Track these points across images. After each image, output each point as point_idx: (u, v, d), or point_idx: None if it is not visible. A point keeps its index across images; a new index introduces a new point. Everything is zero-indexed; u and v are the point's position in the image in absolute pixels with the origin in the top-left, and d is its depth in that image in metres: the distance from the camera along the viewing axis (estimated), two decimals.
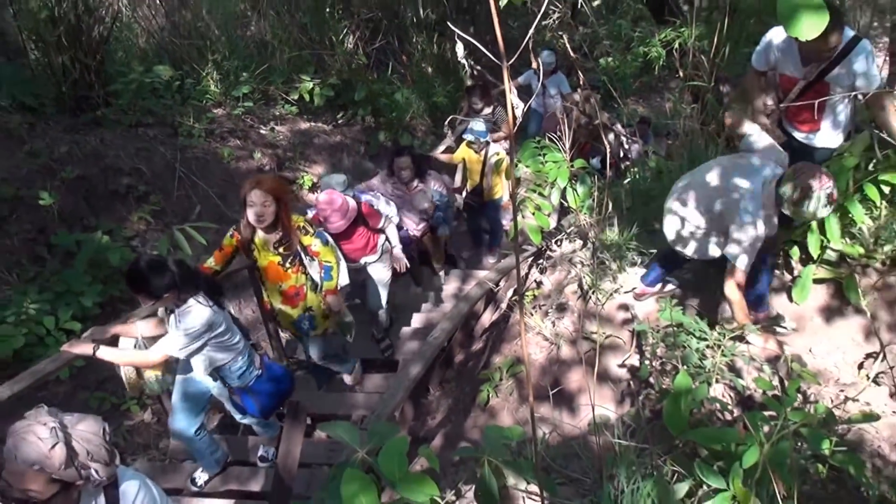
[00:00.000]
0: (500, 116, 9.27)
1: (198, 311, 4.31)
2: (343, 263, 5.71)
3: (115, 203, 7.82)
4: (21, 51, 8.47)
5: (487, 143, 7.98)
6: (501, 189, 8.23)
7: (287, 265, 5.32)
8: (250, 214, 4.98)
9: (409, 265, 7.48)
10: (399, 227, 6.94)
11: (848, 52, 4.46)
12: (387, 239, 6.56)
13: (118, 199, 7.86)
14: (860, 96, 4.65)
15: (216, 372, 4.72)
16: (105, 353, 4.35)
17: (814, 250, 4.83)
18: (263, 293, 5.75)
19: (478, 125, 7.85)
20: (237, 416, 5.38)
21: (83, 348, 4.33)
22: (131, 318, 4.96)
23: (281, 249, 5.26)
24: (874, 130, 4.94)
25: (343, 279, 5.69)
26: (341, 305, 5.66)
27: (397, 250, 6.61)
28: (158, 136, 8.82)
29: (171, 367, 5.03)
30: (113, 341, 4.78)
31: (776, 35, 4.77)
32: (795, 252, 5.13)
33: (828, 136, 4.96)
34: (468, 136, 7.86)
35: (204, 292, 4.43)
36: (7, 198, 6.91)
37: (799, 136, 5.05)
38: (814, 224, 4.77)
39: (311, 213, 6.35)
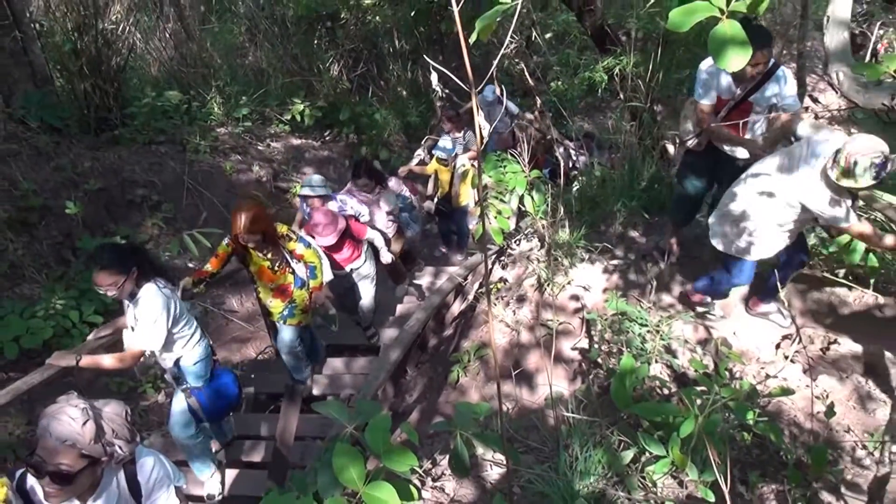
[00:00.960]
0: (471, 140, 9.25)
1: (153, 293, 4.00)
2: (326, 261, 5.61)
3: (132, 211, 7.75)
4: (48, 79, 8.36)
5: (455, 157, 7.94)
6: (467, 197, 8.19)
7: (276, 268, 5.22)
8: (243, 241, 4.93)
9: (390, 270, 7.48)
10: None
11: (769, 76, 4.46)
12: (370, 245, 6.45)
13: (134, 207, 7.78)
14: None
15: (177, 368, 4.44)
16: (87, 361, 4.07)
17: None
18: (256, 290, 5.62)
19: (445, 143, 7.81)
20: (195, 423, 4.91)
21: (67, 360, 4.07)
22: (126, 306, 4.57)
23: (269, 256, 5.17)
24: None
25: (327, 275, 5.59)
26: (325, 300, 5.61)
27: (384, 252, 6.48)
28: (169, 153, 8.72)
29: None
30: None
31: (706, 67, 4.73)
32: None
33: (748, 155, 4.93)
34: (438, 153, 7.80)
35: (162, 277, 4.16)
36: (36, 207, 6.84)
37: (725, 149, 5.00)
38: None
39: (299, 215, 6.40)
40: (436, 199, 8.20)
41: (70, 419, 2.45)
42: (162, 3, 11.99)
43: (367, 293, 6.47)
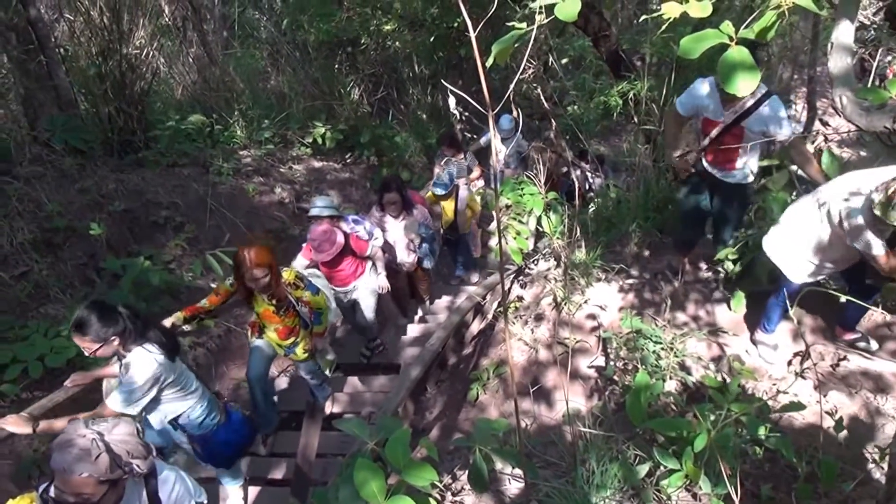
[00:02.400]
0: (472, 161, 9.38)
1: (143, 361, 3.76)
2: (333, 306, 5.70)
3: (156, 232, 7.85)
4: (73, 102, 8.48)
5: (456, 188, 8.04)
6: (470, 224, 8.28)
7: (280, 313, 5.04)
8: (251, 284, 4.71)
9: (398, 296, 7.54)
10: (392, 261, 6.99)
11: (761, 103, 4.53)
12: (374, 264, 6.47)
13: (158, 228, 7.89)
14: (777, 141, 4.73)
15: (175, 422, 4.20)
16: (45, 426, 3.72)
17: (762, 274, 4.83)
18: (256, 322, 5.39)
19: (442, 178, 7.90)
20: (201, 464, 4.79)
21: (23, 428, 3.73)
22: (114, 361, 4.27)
23: (274, 301, 4.96)
24: (792, 169, 5.04)
25: (332, 318, 5.71)
26: (325, 345, 5.64)
27: (381, 277, 6.46)
28: (192, 175, 8.84)
29: None
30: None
31: (700, 86, 4.82)
32: (731, 268, 5.18)
33: (740, 174, 4.95)
34: (436, 190, 7.89)
35: (155, 342, 3.87)
36: (61, 228, 6.93)
37: (716, 173, 5.03)
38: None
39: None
40: (441, 230, 8.27)
41: (81, 452, 2.46)
42: (185, 28, 12.18)
43: (367, 305, 6.46)
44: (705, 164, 5.07)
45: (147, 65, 9.31)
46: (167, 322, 4.81)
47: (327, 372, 5.86)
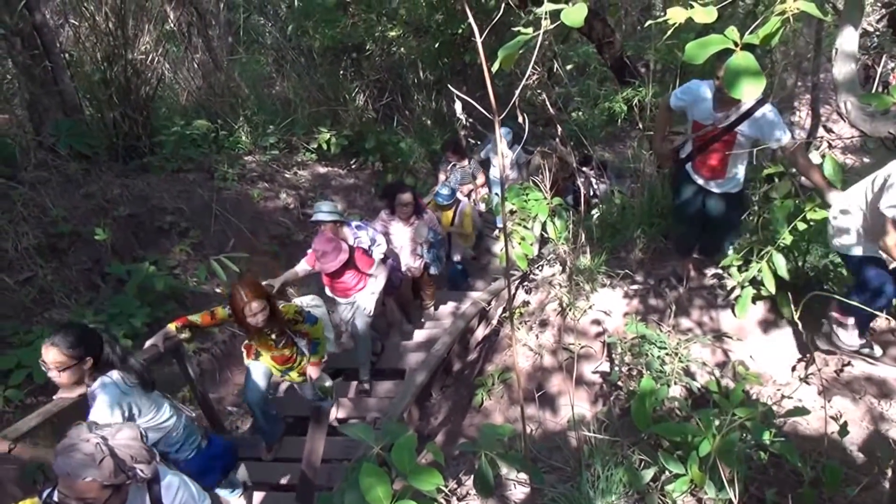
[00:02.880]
0: (476, 169, 9.40)
1: (107, 390, 3.61)
2: (331, 336, 5.69)
3: (160, 237, 7.87)
4: (77, 108, 8.50)
5: (458, 202, 8.05)
6: (466, 241, 8.28)
7: (280, 345, 5.10)
8: (251, 320, 4.65)
9: (403, 301, 7.55)
10: (396, 268, 6.97)
11: (756, 108, 4.53)
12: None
13: (163, 234, 7.90)
14: (780, 150, 4.72)
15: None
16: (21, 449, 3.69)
17: (768, 281, 4.77)
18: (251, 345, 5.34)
19: (443, 190, 7.92)
20: None
21: None
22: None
23: (273, 336, 5.01)
24: (794, 177, 5.04)
25: (329, 348, 5.64)
26: (320, 373, 5.44)
27: (373, 296, 6.40)
28: (197, 180, 8.87)
29: None
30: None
31: (697, 85, 4.80)
32: (735, 275, 5.19)
33: (728, 184, 4.95)
34: (439, 200, 7.93)
35: (127, 371, 3.75)
36: (66, 234, 6.94)
37: (700, 181, 5.03)
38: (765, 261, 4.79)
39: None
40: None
41: (85, 456, 2.45)
42: (190, 34, 12.22)
43: (361, 320, 6.38)
44: (693, 174, 5.07)
45: (152, 70, 9.36)
46: (160, 335, 4.81)
47: (329, 400, 5.66)
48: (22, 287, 6.38)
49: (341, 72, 12.97)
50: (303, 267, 6.18)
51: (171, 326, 4.84)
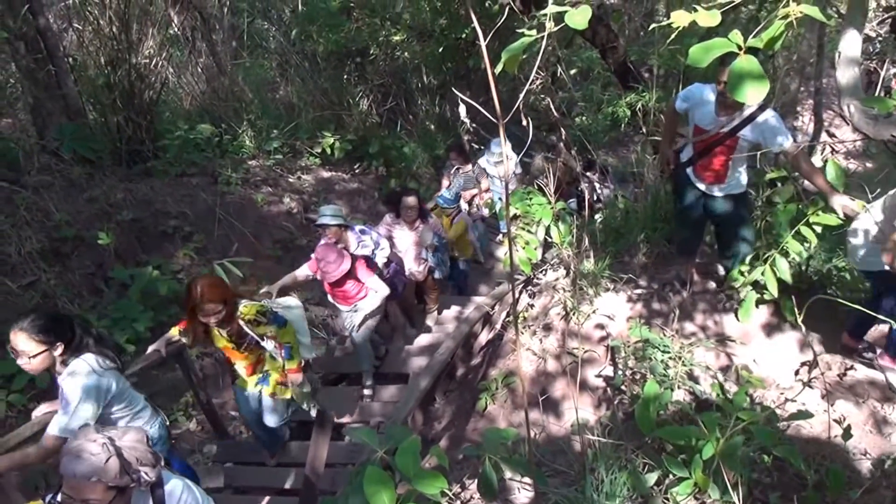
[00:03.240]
0: (479, 174, 9.39)
1: (82, 371, 3.52)
2: (306, 339, 5.21)
3: (164, 242, 7.90)
4: (81, 112, 8.54)
5: (459, 211, 8.03)
6: (460, 251, 8.27)
7: (241, 350, 4.79)
8: (202, 317, 4.39)
9: (406, 306, 7.53)
10: (400, 272, 6.94)
11: (757, 115, 4.52)
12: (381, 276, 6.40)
13: (166, 238, 7.94)
14: (782, 154, 4.72)
15: None
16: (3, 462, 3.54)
17: (771, 285, 4.78)
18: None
19: (446, 195, 7.93)
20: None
21: None
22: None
23: (233, 338, 4.69)
24: (796, 182, 5.04)
25: (307, 353, 5.22)
26: (302, 379, 5.07)
27: (364, 312, 6.20)
28: (201, 184, 8.90)
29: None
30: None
31: (697, 87, 4.82)
32: (736, 277, 5.18)
33: (729, 188, 4.93)
34: (439, 201, 7.93)
35: (101, 354, 3.65)
36: (69, 238, 6.99)
37: (701, 185, 5.02)
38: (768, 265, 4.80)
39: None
40: None
41: (91, 456, 2.46)
42: (194, 38, 12.23)
43: (365, 326, 6.29)
44: (694, 178, 5.07)
45: (156, 74, 9.39)
46: (162, 340, 4.75)
47: (305, 406, 5.33)
48: (25, 291, 6.41)
49: (345, 76, 13.00)
50: (303, 272, 6.13)
51: (174, 331, 4.79)
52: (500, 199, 9.13)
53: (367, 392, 6.52)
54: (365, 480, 2.33)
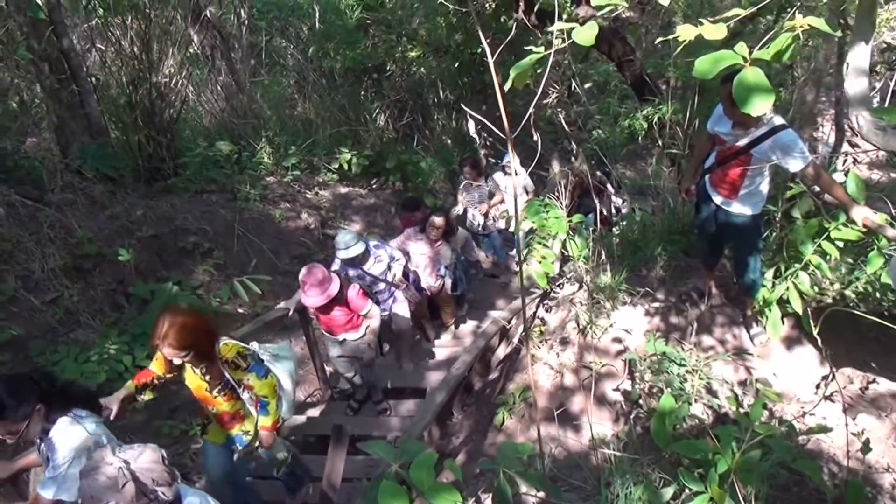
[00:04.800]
0: (493, 187, 9.39)
1: (69, 435, 3.23)
2: (286, 396, 4.57)
3: (184, 258, 7.97)
4: (103, 130, 8.66)
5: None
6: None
7: (215, 393, 4.12)
8: (165, 356, 3.86)
9: (419, 320, 7.44)
10: (417, 286, 6.92)
11: (773, 133, 4.44)
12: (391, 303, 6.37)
13: (186, 254, 8.01)
14: (798, 172, 4.61)
15: None
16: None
17: (795, 301, 4.67)
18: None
19: (458, 209, 7.91)
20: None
21: None
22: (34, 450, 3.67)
23: (207, 378, 4.07)
24: (815, 196, 4.97)
25: (285, 413, 4.62)
26: (274, 442, 4.44)
27: (366, 337, 5.90)
28: (220, 201, 8.98)
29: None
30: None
31: (720, 105, 4.80)
32: (758, 301, 5.12)
33: (743, 205, 4.82)
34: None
35: (83, 408, 3.40)
36: (91, 255, 7.05)
37: (717, 199, 4.93)
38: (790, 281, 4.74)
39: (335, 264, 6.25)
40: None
41: (108, 480, 2.47)
42: (214, 57, 12.39)
43: (353, 368, 6.08)
44: (710, 189, 4.98)
45: (176, 93, 9.51)
46: (119, 395, 3.99)
47: (275, 472, 4.81)
48: (48, 307, 6.49)
49: (362, 92, 13.11)
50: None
51: (130, 387, 4.08)
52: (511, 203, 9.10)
53: (385, 405, 6.49)
54: (379, 494, 2.33)
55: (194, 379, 4.10)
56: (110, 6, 8.66)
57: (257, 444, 4.40)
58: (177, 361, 3.82)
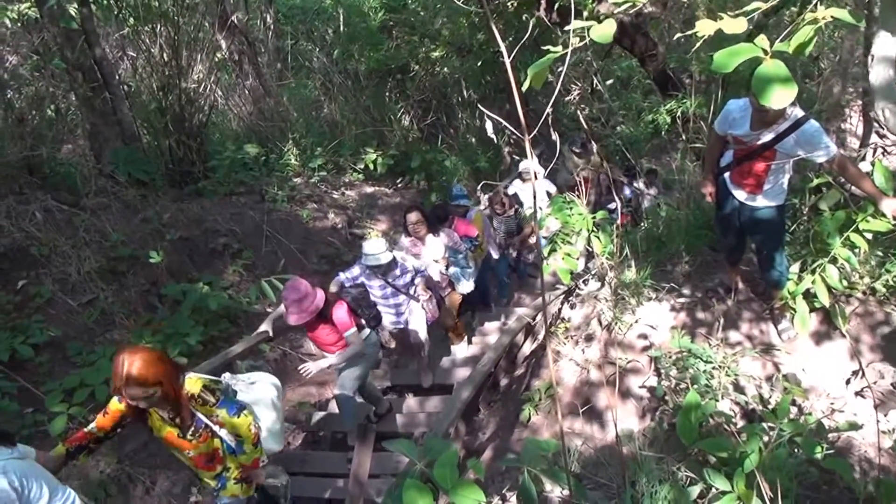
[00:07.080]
0: (522, 220, 8.89)
1: None
2: (276, 426, 4.16)
3: (214, 259, 8.05)
4: (135, 136, 8.79)
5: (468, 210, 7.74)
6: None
7: (189, 436, 3.65)
8: (130, 401, 3.43)
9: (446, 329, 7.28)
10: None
11: (797, 127, 4.32)
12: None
13: (216, 255, 8.08)
14: (825, 164, 4.50)
15: None
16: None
17: (822, 294, 4.58)
18: None
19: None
20: None
21: None
22: None
23: (177, 420, 3.62)
24: (842, 188, 4.85)
25: (274, 446, 4.16)
26: (261, 478, 4.05)
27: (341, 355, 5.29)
28: (248, 203, 9.05)
29: None
30: None
31: (733, 103, 4.67)
32: (785, 296, 5.01)
33: (767, 198, 4.70)
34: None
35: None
36: (125, 257, 7.14)
37: (741, 196, 4.80)
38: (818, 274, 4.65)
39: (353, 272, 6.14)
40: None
41: None
42: (241, 62, 12.47)
43: (347, 383, 5.63)
44: (731, 186, 4.88)
45: (205, 98, 9.60)
46: (47, 464, 3.43)
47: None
48: (85, 309, 6.58)
49: (386, 93, 13.14)
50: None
51: (59, 452, 3.62)
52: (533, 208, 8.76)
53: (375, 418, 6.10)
54: (403, 491, 2.30)
55: (163, 426, 3.65)
56: (140, 15, 8.73)
57: (251, 492, 4.03)
58: (143, 405, 3.42)
